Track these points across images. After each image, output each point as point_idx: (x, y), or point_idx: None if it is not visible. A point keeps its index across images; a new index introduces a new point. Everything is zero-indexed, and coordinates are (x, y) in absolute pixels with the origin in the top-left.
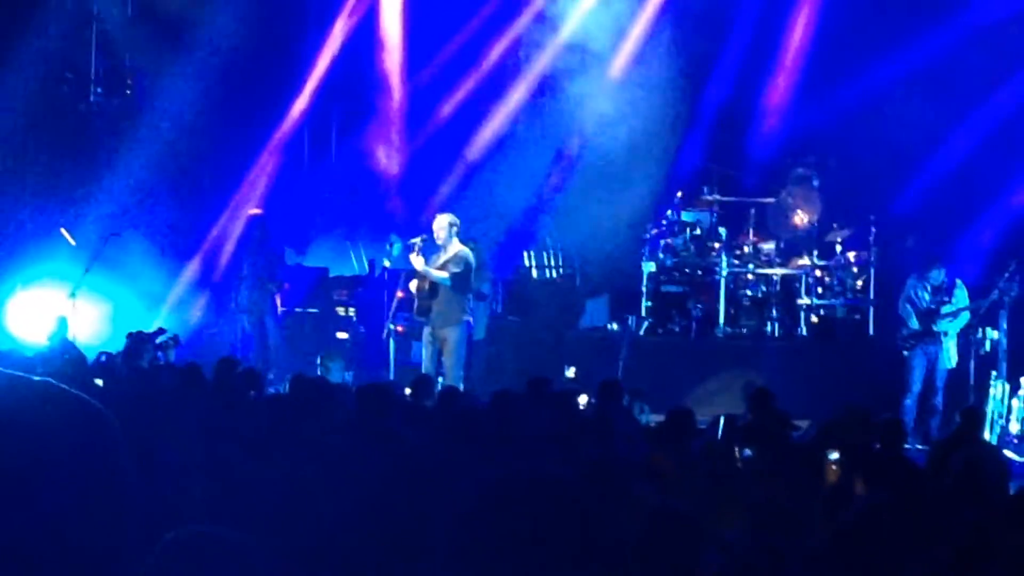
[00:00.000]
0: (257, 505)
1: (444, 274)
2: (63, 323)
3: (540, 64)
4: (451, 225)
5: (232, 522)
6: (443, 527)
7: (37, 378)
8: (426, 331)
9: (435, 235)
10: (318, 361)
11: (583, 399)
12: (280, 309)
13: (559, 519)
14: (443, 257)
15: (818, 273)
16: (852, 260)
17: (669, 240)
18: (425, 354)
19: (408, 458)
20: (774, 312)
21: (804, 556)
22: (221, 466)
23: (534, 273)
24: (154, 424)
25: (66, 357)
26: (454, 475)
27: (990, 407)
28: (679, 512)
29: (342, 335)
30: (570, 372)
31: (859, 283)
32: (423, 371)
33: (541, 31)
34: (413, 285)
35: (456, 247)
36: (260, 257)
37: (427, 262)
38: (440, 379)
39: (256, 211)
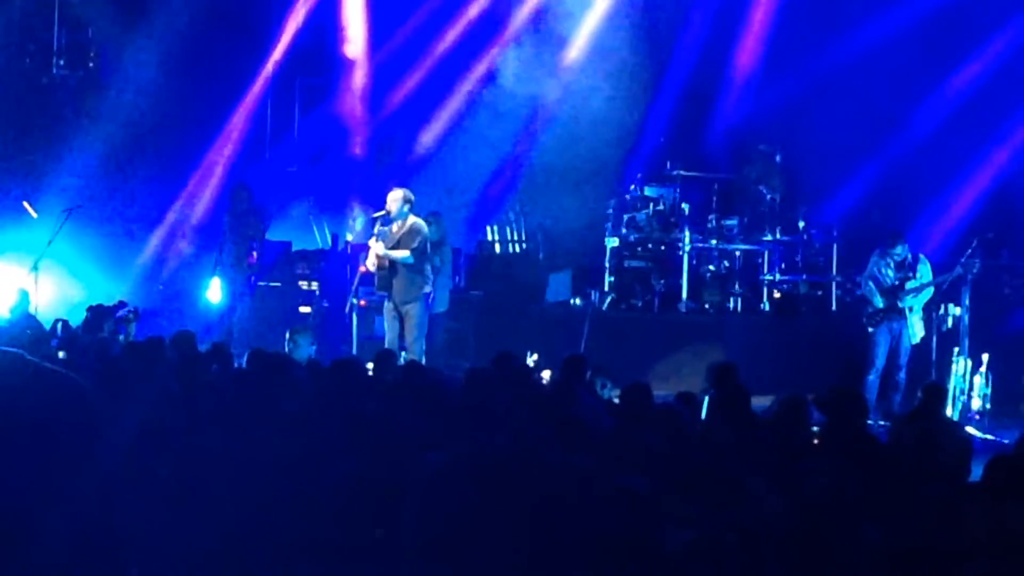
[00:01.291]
0: (216, 478)
1: (405, 252)
2: (24, 296)
3: (505, 38)
4: (405, 200)
5: (193, 494)
6: (406, 501)
7: (7, 350)
8: (387, 305)
9: (388, 208)
10: (287, 336)
11: (547, 374)
12: (260, 283)
13: (519, 495)
14: (397, 231)
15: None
16: (815, 236)
17: (632, 215)
18: (388, 328)
19: (371, 432)
20: (737, 287)
21: (767, 531)
22: (179, 439)
23: (497, 248)
24: (114, 396)
25: (28, 331)
26: (417, 449)
27: (952, 383)
28: (640, 489)
29: (305, 309)
30: (532, 359)
31: (821, 259)
32: (386, 345)
33: (506, 5)
34: (371, 262)
35: (410, 220)
36: (242, 228)
37: (382, 236)
38: (403, 353)
39: (241, 187)
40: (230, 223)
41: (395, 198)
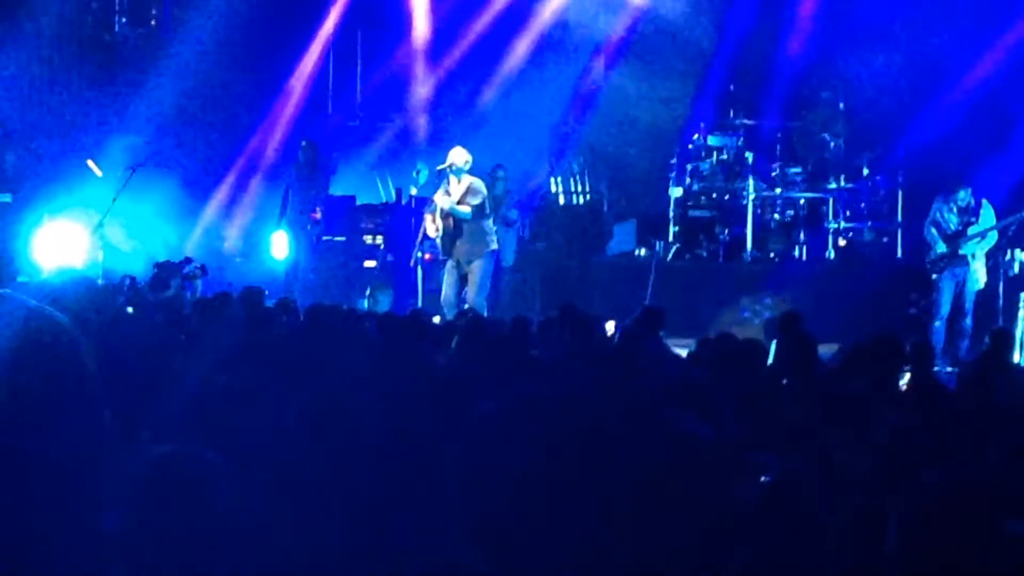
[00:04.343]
0: (278, 429)
1: (465, 208)
2: (86, 260)
3: None
4: (465, 160)
5: (255, 441)
6: (464, 447)
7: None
8: (451, 262)
9: (449, 165)
10: (367, 292)
11: (610, 325)
12: (324, 237)
13: (580, 439)
14: (457, 189)
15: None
16: (880, 183)
17: (696, 165)
18: (447, 280)
19: (433, 383)
20: (802, 236)
21: (834, 481)
22: (247, 391)
23: (561, 199)
24: (181, 352)
25: (88, 288)
26: (480, 399)
27: (1019, 328)
28: (708, 438)
29: (370, 263)
30: (609, 325)
31: (887, 206)
32: (442, 297)
33: None
34: (431, 228)
35: (468, 179)
36: (307, 183)
37: (440, 190)
38: (464, 306)
39: (307, 142)
40: (296, 176)
41: (457, 154)
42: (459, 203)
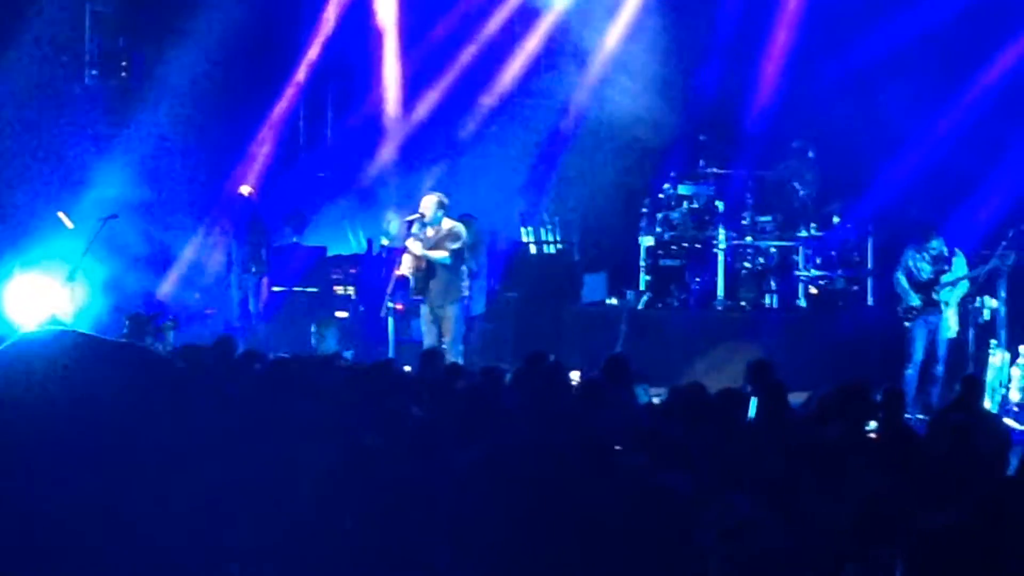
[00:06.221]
0: (253, 480)
1: (443, 253)
2: (55, 318)
3: (535, 42)
4: (439, 204)
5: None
6: (437, 498)
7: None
8: (424, 309)
9: (422, 211)
10: (313, 329)
11: (575, 375)
12: (270, 289)
13: (548, 490)
14: (434, 234)
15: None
16: (850, 231)
17: (667, 214)
18: (427, 332)
19: (411, 434)
20: (773, 284)
21: (811, 526)
22: (227, 443)
23: (532, 249)
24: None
25: (63, 343)
26: (452, 450)
27: (990, 376)
28: (670, 488)
29: (341, 314)
30: (575, 375)
31: (857, 254)
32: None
33: (535, 10)
34: (407, 266)
35: (448, 224)
36: (249, 237)
37: (416, 238)
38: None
39: (247, 190)
40: (236, 231)
41: (429, 202)
42: (436, 247)
